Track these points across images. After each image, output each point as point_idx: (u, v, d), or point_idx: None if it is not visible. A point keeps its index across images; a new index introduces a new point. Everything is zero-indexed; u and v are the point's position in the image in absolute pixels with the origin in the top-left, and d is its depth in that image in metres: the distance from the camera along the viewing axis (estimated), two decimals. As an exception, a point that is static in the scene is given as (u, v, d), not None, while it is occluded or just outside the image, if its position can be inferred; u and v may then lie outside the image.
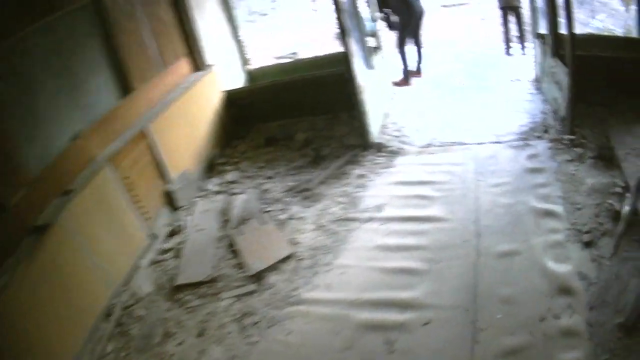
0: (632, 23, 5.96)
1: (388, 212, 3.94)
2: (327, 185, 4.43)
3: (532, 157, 4.45)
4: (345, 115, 5.25)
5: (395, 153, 4.80)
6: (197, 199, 4.51)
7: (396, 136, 5.13)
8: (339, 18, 4.25)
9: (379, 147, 4.86)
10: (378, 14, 6.01)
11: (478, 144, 4.79)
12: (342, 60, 4.45)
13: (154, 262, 3.84)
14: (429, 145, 4.88)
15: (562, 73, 4.78)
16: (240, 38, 5.97)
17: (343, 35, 4.33)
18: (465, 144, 4.81)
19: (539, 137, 4.78)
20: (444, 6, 9.92)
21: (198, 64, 5.14)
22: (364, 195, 4.21)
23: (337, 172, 4.57)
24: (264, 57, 7.85)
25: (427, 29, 6.99)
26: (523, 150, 4.58)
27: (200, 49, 5.11)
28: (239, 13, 8.61)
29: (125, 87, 4.16)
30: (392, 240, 3.61)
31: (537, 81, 5.92)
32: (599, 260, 3.18)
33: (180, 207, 4.35)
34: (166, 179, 4.28)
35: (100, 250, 3.40)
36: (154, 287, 3.60)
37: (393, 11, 6.14)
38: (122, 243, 3.63)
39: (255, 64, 6.46)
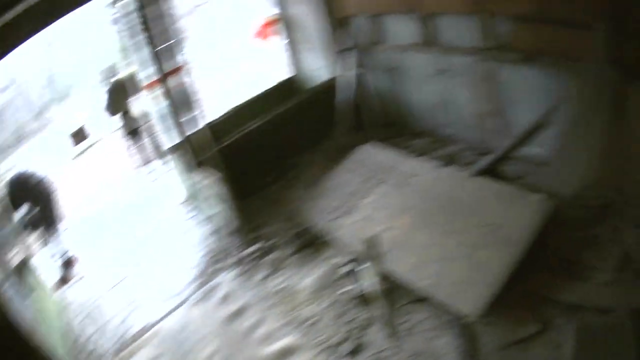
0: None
1: None
2: None
3: (224, 299, 3.63)
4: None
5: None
6: None
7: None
8: None
9: None
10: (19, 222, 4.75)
11: (161, 319, 3.72)
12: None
13: None
14: (119, 350, 3.63)
15: (214, 183, 4.06)
16: None
17: None
18: (148, 329, 3.69)
19: (220, 270, 3.93)
20: (77, 155, 8.36)
21: None
22: None
23: None
24: None
25: (68, 195, 5.85)
26: (210, 297, 3.71)
27: None
28: None
29: None
30: None
31: (190, 201, 5.04)
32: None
33: None
34: None
35: None
36: None
37: (32, 204, 4.99)
38: None
39: None
